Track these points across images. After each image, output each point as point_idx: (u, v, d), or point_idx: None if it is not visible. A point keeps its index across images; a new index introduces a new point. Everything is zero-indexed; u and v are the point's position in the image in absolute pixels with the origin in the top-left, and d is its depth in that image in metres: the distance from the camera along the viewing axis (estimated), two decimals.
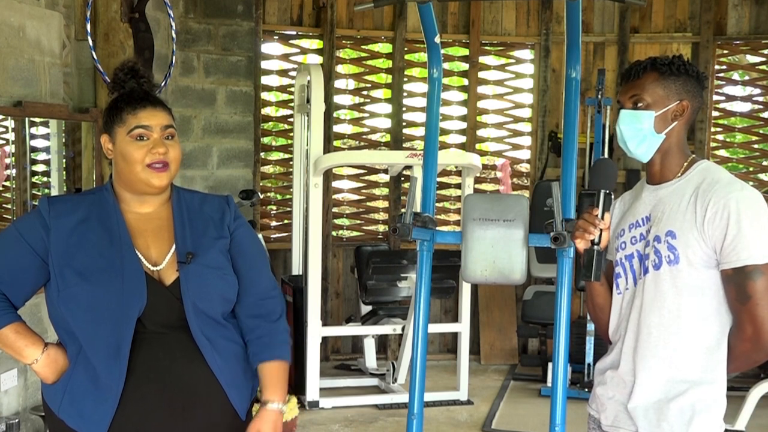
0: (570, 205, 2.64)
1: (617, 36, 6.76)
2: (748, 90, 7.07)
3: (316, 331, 5.32)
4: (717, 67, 6.72)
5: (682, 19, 6.74)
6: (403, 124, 6.79)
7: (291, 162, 6.21)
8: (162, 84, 4.52)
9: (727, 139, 6.95)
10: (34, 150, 4.33)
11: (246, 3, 6.23)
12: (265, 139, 6.92)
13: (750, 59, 7.00)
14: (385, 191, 7.09)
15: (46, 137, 4.47)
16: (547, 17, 6.76)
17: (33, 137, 4.30)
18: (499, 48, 6.92)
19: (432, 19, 2.74)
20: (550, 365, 5.54)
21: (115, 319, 1.97)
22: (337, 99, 6.73)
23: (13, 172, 4.08)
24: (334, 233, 6.77)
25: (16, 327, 2.05)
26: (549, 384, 5.55)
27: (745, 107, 6.96)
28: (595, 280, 2.14)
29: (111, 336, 1.98)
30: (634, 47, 6.75)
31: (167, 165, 2.06)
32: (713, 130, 6.77)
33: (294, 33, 6.70)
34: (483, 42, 6.84)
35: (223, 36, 6.18)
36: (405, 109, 6.78)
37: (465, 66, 6.96)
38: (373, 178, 6.97)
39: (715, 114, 6.78)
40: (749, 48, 6.79)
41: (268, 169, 6.81)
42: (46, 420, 2.14)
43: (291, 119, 6.43)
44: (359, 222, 7.01)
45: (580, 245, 2.15)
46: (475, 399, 5.64)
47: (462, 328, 5.63)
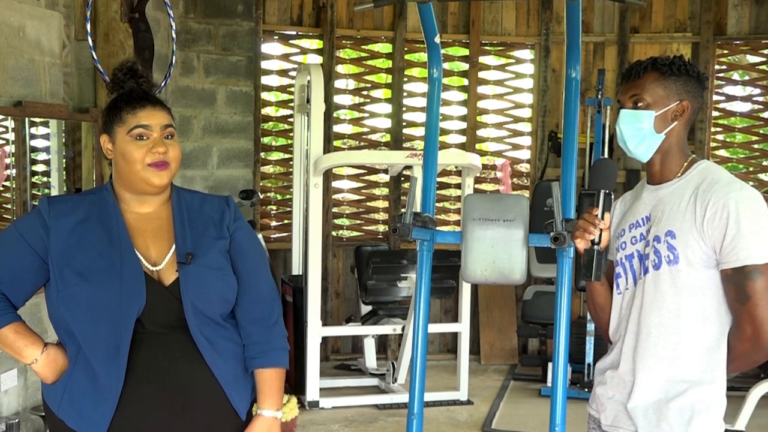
0: (570, 205, 2.64)
1: (617, 36, 6.76)
2: (748, 90, 7.07)
3: (316, 331, 5.32)
4: (717, 67, 6.72)
5: (682, 19, 6.74)
6: (403, 124, 6.79)
7: (291, 162, 6.21)
8: (162, 84, 4.51)
9: (727, 139, 6.95)
10: (34, 150, 4.33)
11: (246, 3, 6.23)
12: (265, 139, 6.92)
13: (750, 59, 7.00)
14: (385, 191, 7.09)
15: (46, 137, 4.47)
16: (547, 17, 6.76)
17: (33, 137, 4.30)
18: (499, 48, 6.92)
19: (432, 19, 2.74)
20: (550, 365, 5.54)
21: (115, 320, 1.97)
22: (337, 99, 6.73)
23: (13, 172, 4.08)
24: (334, 233, 6.77)
25: (15, 327, 2.05)
26: (549, 384, 5.55)
27: (745, 107, 6.96)
28: (596, 280, 2.14)
29: (110, 336, 1.97)
30: (634, 47, 6.75)
31: (167, 164, 2.05)
32: (713, 130, 6.77)
33: (294, 33, 6.70)
34: (483, 42, 6.84)
35: (223, 36, 6.18)
36: (405, 109, 6.78)
37: (465, 66, 6.96)
38: (373, 178, 6.97)
39: (715, 114, 6.78)
40: (749, 48, 6.79)
41: (268, 169, 6.81)
42: (46, 420, 2.14)
43: (291, 119, 6.43)
44: (359, 222, 7.01)
45: (580, 245, 2.15)
46: (475, 399, 5.64)
47: (462, 328, 5.63)
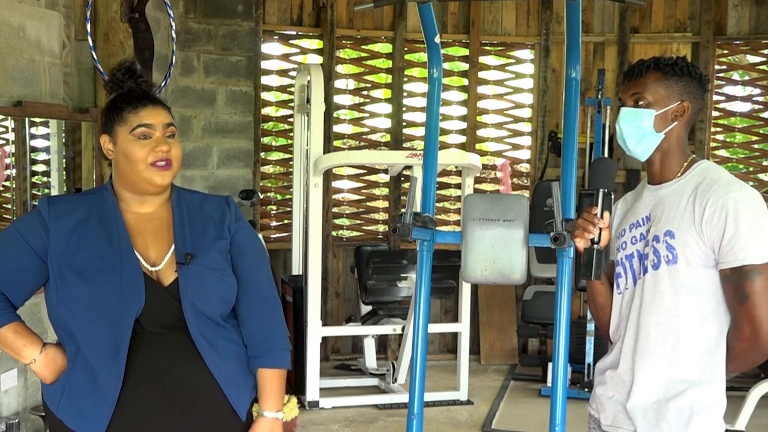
0: (570, 205, 2.64)
1: (617, 36, 6.76)
2: (748, 90, 7.07)
3: (316, 331, 5.32)
4: (717, 67, 6.72)
5: (682, 19, 6.74)
6: (403, 124, 6.79)
7: (291, 162, 6.21)
8: (162, 84, 4.52)
9: (727, 139, 6.95)
10: (34, 150, 4.33)
11: (246, 3, 6.23)
12: (265, 139, 6.92)
13: (750, 59, 7.00)
14: (385, 191, 7.09)
15: (46, 137, 4.47)
16: (547, 17, 6.76)
17: (33, 137, 4.30)
18: (499, 48, 6.92)
19: (432, 19, 2.74)
20: (550, 365, 5.54)
21: (114, 320, 1.97)
22: (337, 99, 6.73)
23: (13, 172, 4.08)
24: (334, 233, 6.77)
25: (15, 327, 2.05)
26: (549, 384, 5.55)
27: (745, 107, 6.96)
28: (595, 278, 2.14)
29: (110, 336, 1.97)
30: (634, 47, 6.75)
31: (170, 163, 2.05)
32: (713, 130, 6.77)
33: (294, 33, 6.70)
34: (483, 42, 6.84)
35: (223, 36, 6.18)
36: (405, 109, 6.78)
37: (465, 66, 6.96)
38: (373, 178, 6.97)
39: (715, 114, 6.78)
40: (749, 48, 6.79)
41: (268, 169, 6.81)
42: (45, 420, 2.15)
43: (291, 119, 6.43)
44: (359, 222, 7.01)
45: (579, 244, 2.15)
46: (475, 399, 5.64)
47: (462, 328, 5.63)
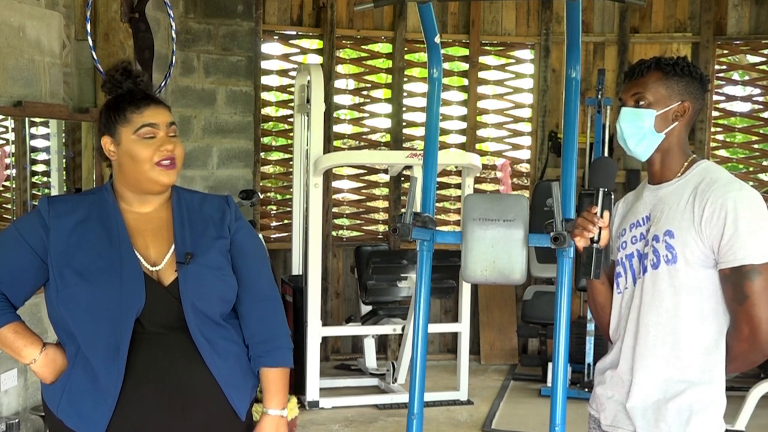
0: (570, 205, 2.64)
1: (617, 36, 6.76)
2: (748, 90, 7.07)
3: (316, 331, 5.32)
4: (717, 67, 6.72)
5: (682, 19, 6.74)
6: (403, 124, 6.79)
7: (291, 162, 6.21)
8: (162, 84, 4.52)
9: (727, 139, 6.95)
10: (34, 150, 4.33)
11: (246, 3, 6.23)
12: (265, 139, 6.92)
13: (750, 59, 7.00)
14: (385, 191, 7.09)
15: (46, 137, 4.47)
16: (547, 17, 6.76)
17: (33, 137, 4.30)
18: (499, 48, 6.92)
19: (432, 19, 2.74)
20: (550, 365, 5.54)
21: (114, 320, 1.97)
22: (337, 99, 6.73)
23: (13, 172, 4.08)
24: (334, 233, 6.77)
25: (15, 327, 2.05)
26: (549, 384, 5.55)
27: (745, 107, 6.96)
28: (594, 277, 2.14)
29: (110, 336, 1.97)
30: (634, 47, 6.75)
31: (174, 162, 2.06)
32: (713, 130, 6.77)
33: (294, 33, 6.69)
34: (483, 42, 6.83)
35: (223, 36, 6.18)
36: (405, 109, 6.78)
37: (465, 66, 6.95)
38: (373, 178, 6.97)
39: (715, 114, 6.78)
40: (749, 48, 6.79)
41: (268, 169, 6.81)
42: (45, 420, 2.14)
43: (291, 119, 6.43)
44: (359, 222, 7.01)
45: (579, 243, 2.15)
46: (475, 399, 5.64)
47: (462, 328, 5.63)
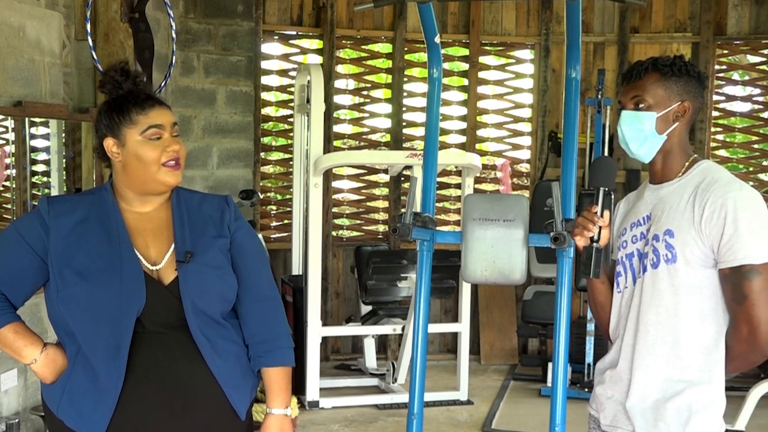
0: (570, 205, 2.64)
1: (617, 36, 6.76)
2: (748, 90, 7.07)
3: (316, 331, 5.32)
4: (717, 67, 6.72)
5: (682, 19, 6.74)
6: (403, 124, 6.79)
7: (291, 162, 6.21)
8: (162, 84, 4.52)
9: (727, 139, 6.95)
10: (34, 150, 4.33)
11: (246, 3, 6.23)
12: (265, 139, 6.92)
13: (750, 59, 7.00)
14: (385, 191, 7.09)
15: (46, 137, 4.47)
16: (547, 17, 6.76)
17: (33, 137, 4.29)
18: (499, 48, 6.92)
19: (432, 19, 2.74)
20: (550, 365, 5.54)
21: (115, 319, 1.97)
22: (337, 99, 6.73)
23: (13, 172, 4.08)
24: (334, 233, 6.77)
25: (15, 327, 2.05)
26: (549, 384, 5.55)
27: (745, 107, 6.96)
28: (594, 277, 2.14)
29: (110, 336, 1.97)
30: (634, 47, 6.75)
31: (179, 162, 2.07)
32: (713, 130, 6.77)
33: (294, 33, 6.69)
34: (483, 42, 6.83)
35: (223, 36, 6.18)
36: (405, 109, 6.78)
37: (465, 66, 6.95)
38: (373, 178, 6.97)
39: (715, 114, 6.78)
40: (749, 48, 6.79)
41: (268, 169, 6.81)
42: (45, 420, 2.14)
43: (291, 119, 6.43)
44: (359, 222, 7.01)
45: (579, 242, 2.15)
46: (475, 399, 5.64)
47: (462, 328, 5.63)
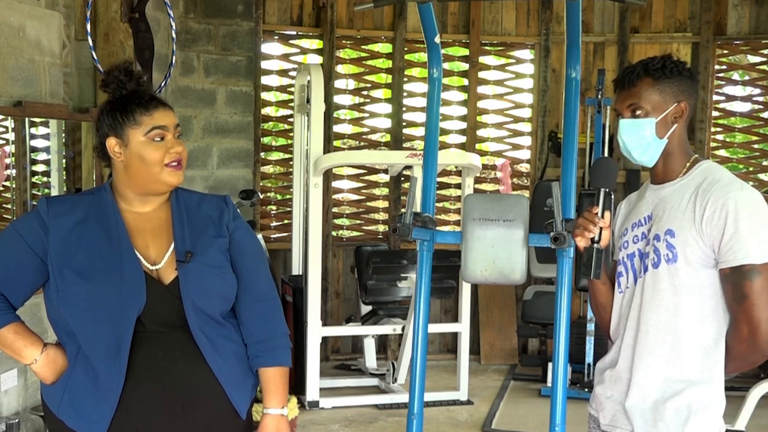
0: (570, 205, 2.64)
1: (617, 36, 6.76)
2: (748, 90, 7.07)
3: (316, 331, 5.32)
4: (717, 67, 6.72)
5: (682, 19, 6.74)
6: (403, 124, 6.79)
7: (291, 162, 6.21)
8: (162, 84, 4.52)
9: (727, 139, 6.95)
10: (34, 150, 4.33)
11: (246, 3, 6.23)
12: (265, 139, 6.92)
13: (750, 59, 7.00)
14: (385, 191, 7.09)
15: (46, 137, 4.47)
16: (547, 17, 6.76)
17: (33, 137, 4.29)
18: (499, 48, 6.92)
19: (432, 19, 2.74)
20: (550, 365, 5.54)
21: (115, 319, 1.97)
22: (337, 99, 6.73)
23: (13, 172, 4.08)
24: (334, 233, 6.77)
25: (15, 327, 2.05)
26: (549, 384, 5.55)
27: (745, 107, 6.96)
28: (595, 277, 2.14)
29: (111, 336, 1.97)
30: (634, 47, 6.75)
31: (181, 163, 2.08)
32: (713, 130, 6.77)
33: (294, 33, 6.69)
34: (483, 42, 6.83)
35: (223, 36, 6.18)
36: (405, 109, 6.78)
37: (465, 66, 6.95)
38: (373, 178, 6.97)
39: (715, 114, 6.77)
40: (749, 48, 6.79)
41: (268, 169, 6.81)
42: (45, 420, 2.14)
43: (291, 119, 6.43)
44: (359, 222, 7.01)
45: (580, 243, 2.15)
46: (475, 399, 5.64)
47: (462, 328, 5.63)
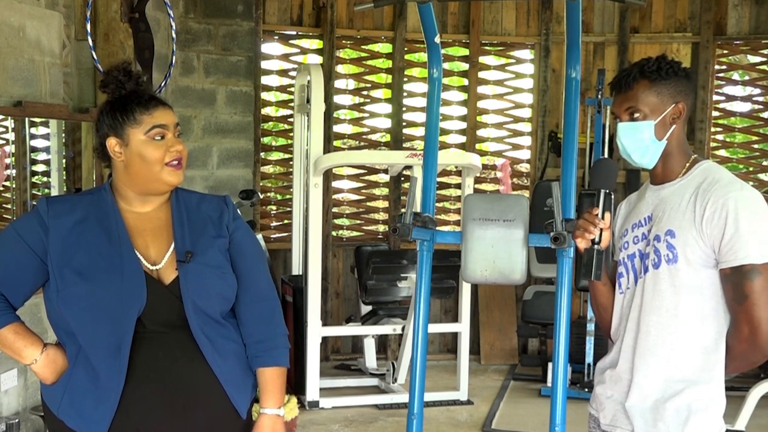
0: (570, 205, 2.64)
1: (617, 36, 6.76)
2: (748, 90, 7.07)
3: (316, 331, 5.32)
4: (717, 67, 6.72)
5: (682, 19, 6.74)
6: (403, 124, 6.79)
7: (291, 162, 6.21)
8: (162, 84, 4.52)
9: (727, 139, 6.95)
10: (34, 150, 4.33)
11: (246, 3, 6.23)
12: (265, 139, 6.92)
13: (750, 59, 7.00)
14: (385, 191, 7.09)
15: (46, 137, 4.47)
16: (547, 17, 6.76)
17: (33, 137, 4.29)
18: (499, 48, 6.92)
19: (432, 19, 2.74)
20: (550, 365, 5.54)
21: (115, 319, 1.97)
22: (337, 99, 6.73)
23: (13, 172, 4.08)
24: (334, 233, 6.77)
25: (15, 327, 2.05)
26: (549, 384, 5.55)
27: (745, 107, 6.96)
28: (595, 279, 2.14)
29: (111, 335, 1.97)
30: (634, 47, 6.75)
31: (181, 162, 2.08)
32: (713, 130, 6.77)
33: (294, 33, 6.69)
34: (483, 42, 6.83)
35: (223, 36, 6.18)
36: (405, 109, 6.78)
37: (465, 66, 6.95)
38: (373, 178, 6.97)
39: (715, 114, 6.77)
40: (749, 48, 6.79)
41: (268, 169, 6.81)
42: (45, 421, 2.14)
43: (291, 119, 6.43)
44: (359, 222, 7.01)
45: (580, 245, 2.15)
46: (475, 399, 5.64)
47: (462, 328, 5.63)
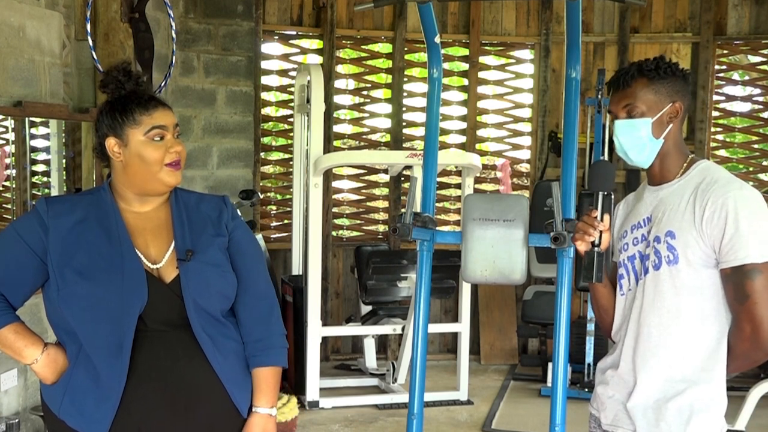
0: (570, 205, 2.64)
1: (617, 36, 6.76)
2: (748, 90, 7.07)
3: (316, 331, 5.32)
4: (717, 67, 6.72)
5: (682, 19, 6.74)
6: (403, 124, 6.79)
7: (291, 162, 6.21)
8: (162, 84, 4.52)
9: (727, 139, 6.95)
10: (34, 150, 4.33)
11: (246, 3, 6.23)
12: (265, 139, 6.92)
13: (750, 59, 7.00)
14: (385, 191, 7.09)
15: (46, 137, 4.47)
16: (547, 17, 6.76)
17: (33, 137, 4.29)
18: (499, 48, 6.92)
19: (432, 19, 2.74)
20: (550, 365, 5.54)
21: (116, 318, 1.98)
22: (337, 99, 6.73)
23: (13, 172, 4.08)
24: (334, 233, 6.77)
25: (15, 327, 2.05)
26: (549, 384, 5.55)
27: (745, 107, 6.96)
28: (596, 281, 2.14)
29: (112, 335, 1.98)
30: (634, 47, 6.75)
31: (179, 163, 2.09)
32: (713, 130, 6.77)
33: (294, 33, 6.70)
34: (483, 42, 6.83)
35: (223, 36, 6.18)
36: (405, 109, 6.78)
37: (465, 66, 6.96)
38: (373, 178, 6.97)
39: (715, 114, 6.77)
40: (749, 48, 6.80)
41: (268, 169, 6.81)
42: (45, 421, 2.14)
43: (291, 119, 6.43)
44: (359, 222, 7.01)
45: (580, 247, 2.15)
46: (475, 399, 5.64)
47: (462, 328, 5.63)
